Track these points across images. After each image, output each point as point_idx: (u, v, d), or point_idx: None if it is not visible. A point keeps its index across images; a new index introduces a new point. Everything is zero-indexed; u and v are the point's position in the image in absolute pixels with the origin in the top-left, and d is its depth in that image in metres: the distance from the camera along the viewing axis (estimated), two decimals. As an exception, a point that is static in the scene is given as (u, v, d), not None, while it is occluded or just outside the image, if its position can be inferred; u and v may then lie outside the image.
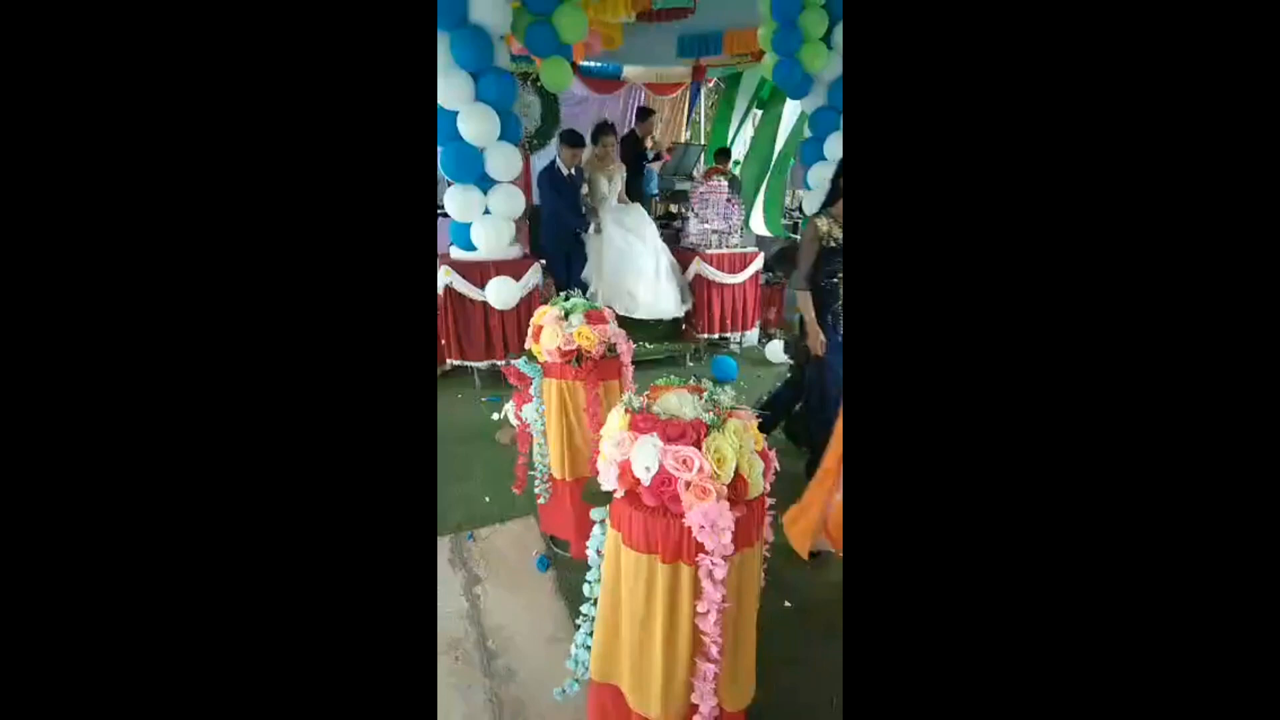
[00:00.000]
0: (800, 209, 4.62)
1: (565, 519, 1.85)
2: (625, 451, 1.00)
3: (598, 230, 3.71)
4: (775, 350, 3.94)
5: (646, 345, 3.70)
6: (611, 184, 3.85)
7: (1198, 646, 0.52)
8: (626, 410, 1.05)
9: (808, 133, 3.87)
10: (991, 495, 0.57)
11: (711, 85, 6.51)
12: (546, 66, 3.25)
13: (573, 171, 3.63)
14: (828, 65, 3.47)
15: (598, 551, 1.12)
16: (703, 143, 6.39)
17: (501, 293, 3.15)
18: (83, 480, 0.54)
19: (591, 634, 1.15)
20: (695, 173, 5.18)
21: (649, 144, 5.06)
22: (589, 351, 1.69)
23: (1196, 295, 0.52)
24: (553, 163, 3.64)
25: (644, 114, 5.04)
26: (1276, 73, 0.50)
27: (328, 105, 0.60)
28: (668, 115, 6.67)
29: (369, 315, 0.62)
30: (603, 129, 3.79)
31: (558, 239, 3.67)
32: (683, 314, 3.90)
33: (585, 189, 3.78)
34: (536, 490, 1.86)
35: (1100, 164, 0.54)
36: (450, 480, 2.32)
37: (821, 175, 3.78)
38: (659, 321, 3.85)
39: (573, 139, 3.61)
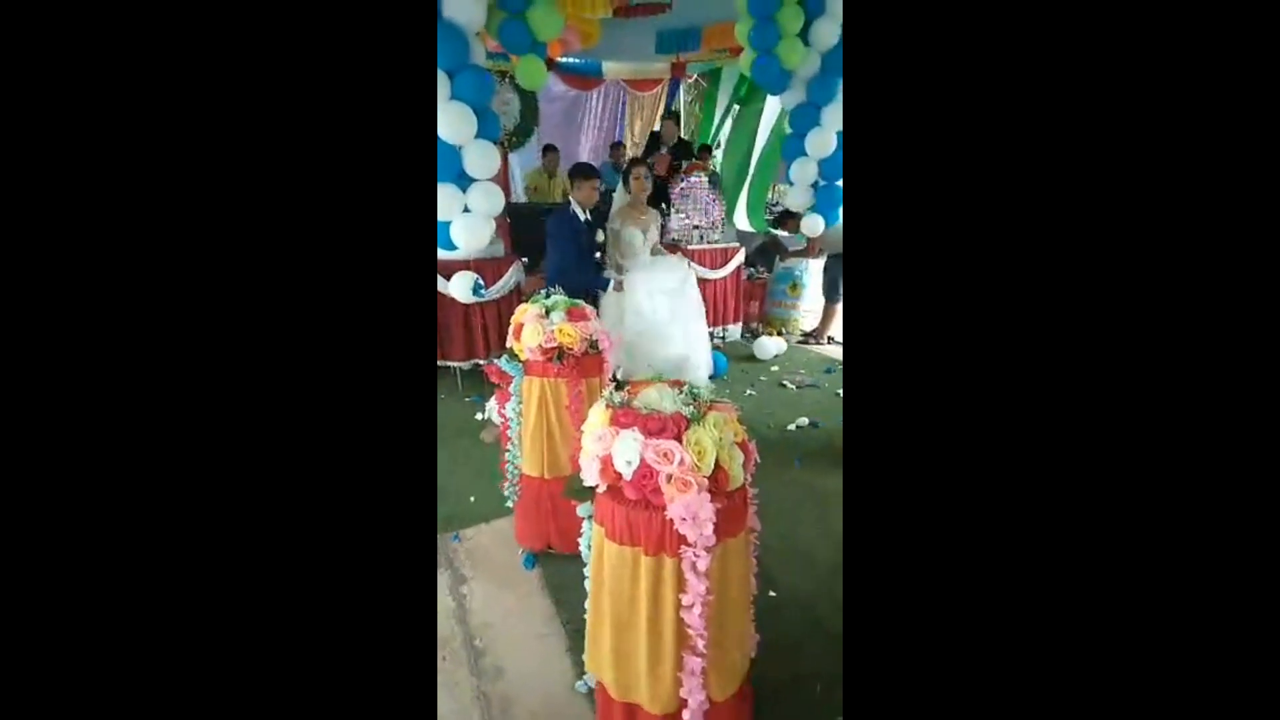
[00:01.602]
0: (780, 204, 4.65)
1: (541, 523, 1.84)
2: (607, 446, 1.01)
3: (618, 288, 2.97)
4: (764, 347, 3.89)
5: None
6: (647, 235, 3.11)
7: (1197, 644, 0.52)
8: (608, 405, 1.06)
9: (788, 129, 3.89)
10: (991, 493, 0.57)
11: (691, 81, 6.52)
12: (522, 64, 3.23)
13: (589, 215, 2.94)
14: (805, 61, 3.50)
15: (589, 546, 1.13)
16: (683, 138, 6.40)
17: (465, 287, 3.11)
18: (81, 474, 0.54)
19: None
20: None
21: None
22: (570, 348, 1.69)
23: (1197, 294, 0.52)
24: (566, 206, 2.95)
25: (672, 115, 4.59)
26: (1276, 73, 0.50)
27: (328, 103, 0.60)
28: (647, 112, 6.67)
29: (372, 314, 0.63)
30: (637, 164, 3.09)
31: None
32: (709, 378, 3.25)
33: (602, 237, 3.06)
34: (505, 492, 1.85)
35: (1101, 166, 0.54)
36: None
37: (802, 171, 3.81)
38: None
39: (587, 170, 2.93)
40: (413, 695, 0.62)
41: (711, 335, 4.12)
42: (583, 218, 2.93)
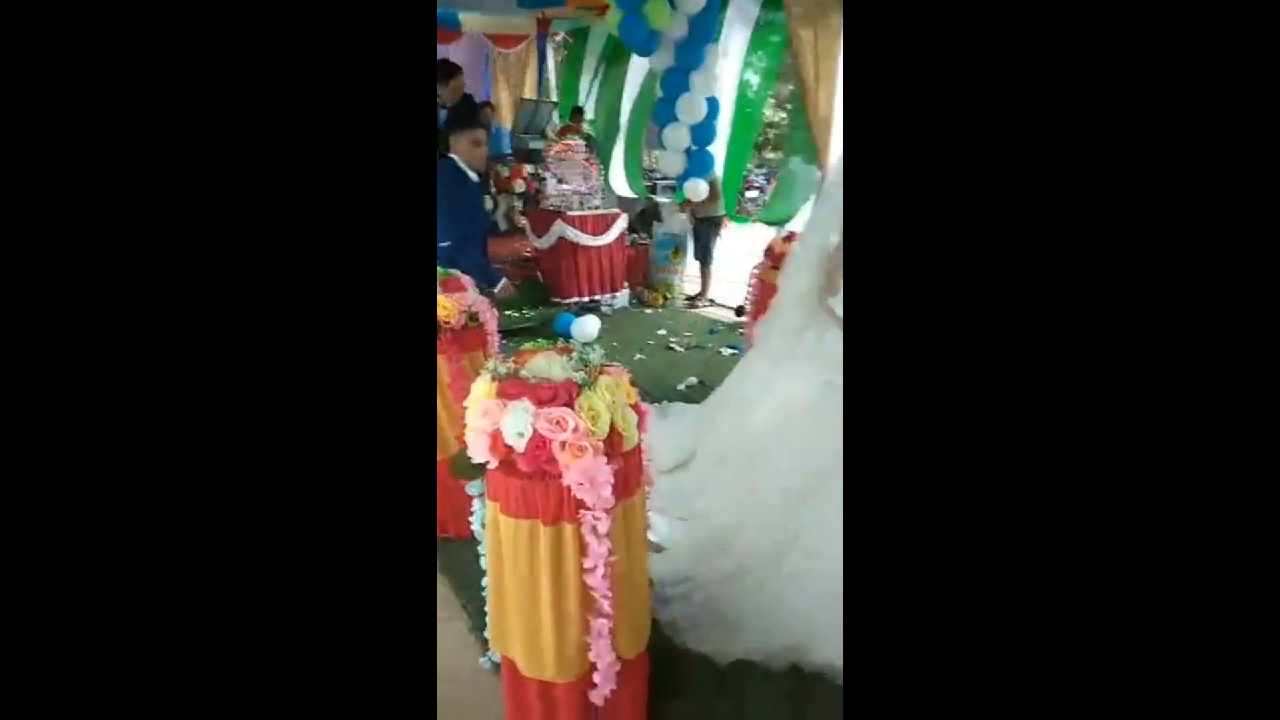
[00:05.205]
0: (655, 169, 4.67)
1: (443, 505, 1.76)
2: (495, 420, 0.96)
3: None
4: (583, 327, 3.35)
5: (514, 315, 3.58)
6: None
7: (1198, 648, 0.51)
8: (493, 378, 1.01)
9: (659, 93, 3.87)
10: (993, 497, 0.55)
11: (560, 39, 6.28)
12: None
13: (479, 174, 2.16)
14: (673, 23, 3.48)
15: (483, 525, 1.09)
16: (554, 99, 6.18)
17: None
18: (84, 483, 0.53)
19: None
20: (549, 131, 5.00)
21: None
22: (447, 322, 1.59)
23: (1198, 296, 0.51)
24: (447, 159, 2.16)
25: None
26: (1276, 73, 0.49)
27: (319, 99, 0.58)
28: (514, 70, 6.34)
29: (370, 314, 0.60)
30: None
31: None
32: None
33: (492, 205, 1.84)
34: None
35: (1103, 167, 0.53)
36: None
37: (675, 136, 3.83)
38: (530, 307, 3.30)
39: (467, 116, 2.07)
40: (412, 695, 0.61)
41: (599, 303, 4.08)
42: (473, 177, 2.25)
